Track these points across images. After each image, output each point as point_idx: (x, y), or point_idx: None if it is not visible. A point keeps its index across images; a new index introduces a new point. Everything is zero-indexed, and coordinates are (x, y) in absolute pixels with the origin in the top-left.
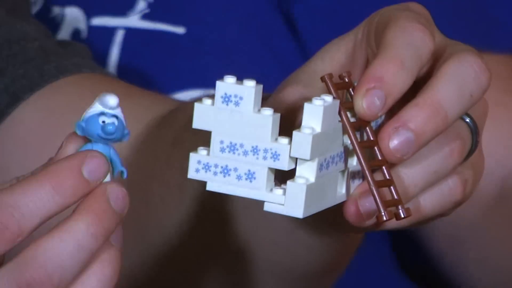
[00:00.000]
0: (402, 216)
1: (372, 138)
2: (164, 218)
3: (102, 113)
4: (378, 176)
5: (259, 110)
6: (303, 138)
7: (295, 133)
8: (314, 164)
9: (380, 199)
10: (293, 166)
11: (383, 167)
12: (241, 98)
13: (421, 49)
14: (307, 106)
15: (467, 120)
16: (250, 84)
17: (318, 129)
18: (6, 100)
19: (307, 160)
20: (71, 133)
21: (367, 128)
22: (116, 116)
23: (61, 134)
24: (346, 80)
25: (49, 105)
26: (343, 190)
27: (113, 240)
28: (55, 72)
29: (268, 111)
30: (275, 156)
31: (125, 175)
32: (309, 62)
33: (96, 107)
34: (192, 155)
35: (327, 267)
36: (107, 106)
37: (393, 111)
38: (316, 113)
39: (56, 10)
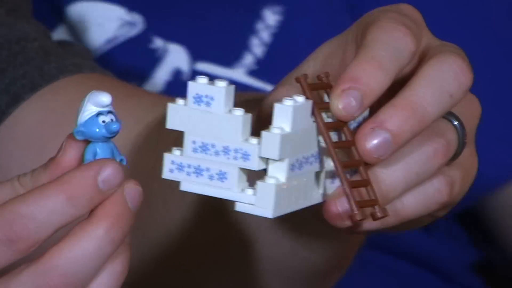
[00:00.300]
0: (379, 215)
1: (349, 139)
2: (166, 218)
3: (99, 113)
4: (358, 177)
5: (230, 111)
6: (271, 138)
7: (263, 133)
8: (285, 164)
9: (353, 199)
10: (263, 167)
11: (360, 168)
12: (212, 99)
13: (401, 50)
14: (277, 107)
15: (453, 120)
16: (221, 84)
17: (287, 129)
18: (6, 100)
19: (277, 160)
20: (70, 134)
21: (345, 128)
22: (111, 112)
23: (62, 134)
24: (324, 81)
25: (50, 105)
26: (322, 190)
27: None
28: (55, 72)
29: (238, 112)
30: (245, 156)
31: (124, 162)
32: (302, 64)
33: (91, 108)
34: (166, 155)
35: (329, 268)
36: (101, 105)
37: (374, 112)
38: (285, 113)
39: (158, 42)
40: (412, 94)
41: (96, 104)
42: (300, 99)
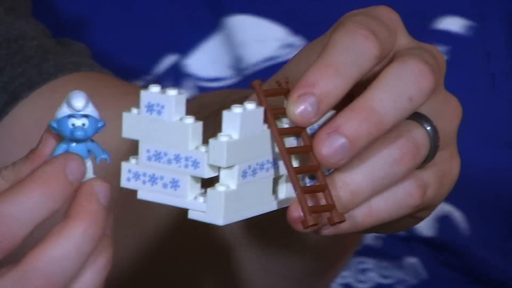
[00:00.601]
0: (335, 221)
1: (308, 144)
2: (163, 215)
3: (71, 116)
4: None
5: (181, 119)
6: (218, 146)
7: (210, 141)
8: (235, 171)
9: (306, 204)
10: (213, 174)
11: (317, 173)
12: (162, 107)
13: (362, 55)
14: (225, 114)
15: (424, 124)
16: (171, 93)
17: (236, 136)
18: (4, 99)
19: (227, 168)
20: (49, 127)
21: (303, 133)
22: (86, 115)
23: None
24: (284, 86)
25: (48, 104)
26: (284, 196)
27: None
28: (53, 71)
29: (189, 120)
30: (195, 164)
31: (108, 161)
32: (284, 67)
33: (65, 109)
34: (123, 164)
35: (325, 268)
36: (74, 109)
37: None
38: (233, 121)
39: None
40: (369, 98)
41: (69, 106)
42: (251, 106)
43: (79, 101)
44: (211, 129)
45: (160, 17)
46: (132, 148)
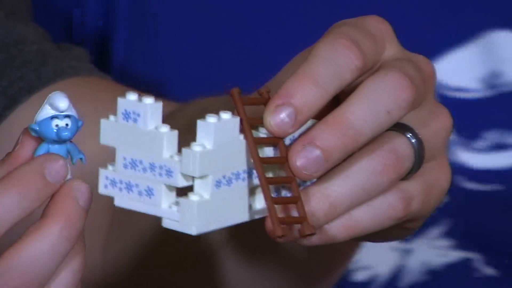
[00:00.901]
0: (306, 233)
1: (284, 155)
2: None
3: (54, 117)
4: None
5: (156, 127)
6: (190, 155)
7: (183, 150)
8: (208, 181)
9: (275, 215)
10: (186, 183)
11: (291, 184)
12: (138, 115)
13: (343, 66)
14: (199, 123)
15: (408, 135)
16: (147, 101)
17: (209, 146)
18: (3, 103)
19: (201, 177)
20: (26, 129)
21: (281, 144)
22: (68, 116)
23: None
24: (265, 95)
25: None
26: (261, 206)
27: None
28: (53, 75)
29: (164, 128)
30: (169, 173)
31: (84, 161)
32: (278, 74)
33: (47, 111)
34: (101, 171)
35: (323, 273)
36: (57, 110)
37: None
38: (207, 130)
39: None
40: (346, 110)
41: (53, 107)
42: (226, 115)
43: (62, 101)
44: None
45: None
46: None
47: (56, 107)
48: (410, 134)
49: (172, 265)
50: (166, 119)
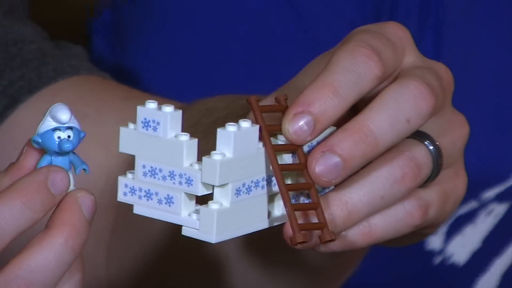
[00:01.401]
0: (326, 239)
1: (302, 162)
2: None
3: (56, 128)
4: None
5: (176, 135)
6: (211, 165)
7: (204, 159)
8: (228, 189)
9: (295, 221)
10: (206, 192)
11: (311, 190)
12: (158, 124)
13: (362, 75)
14: (219, 132)
15: (427, 144)
16: (167, 109)
17: (229, 154)
18: (4, 102)
19: (220, 186)
20: (29, 141)
21: (299, 151)
22: (71, 127)
23: None
24: (282, 103)
25: (48, 107)
26: (279, 213)
27: None
28: (53, 74)
29: (184, 137)
30: (189, 181)
31: (87, 171)
32: (293, 79)
33: (49, 123)
34: (120, 179)
35: (336, 277)
36: (59, 122)
37: None
38: (227, 139)
39: None
40: (365, 118)
41: (54, 120)
42: (246, 124)
43: (64, 113)
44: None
45: None
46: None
47: (58, 119)
48: (429, 142)
49: (179, 265)
50: None
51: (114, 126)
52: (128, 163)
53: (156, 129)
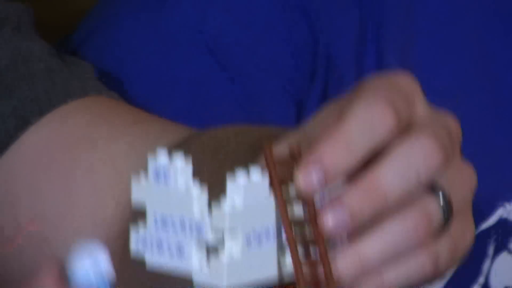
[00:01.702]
0: None
1: (313, 212)
2: None
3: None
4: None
5: (187, 187)
6: (220, 213)
7: (214, 209)
8: (238, 239)
9: (301, 277)
10: (217, 241)
11: (320, 244)
12: (169, 175)
13: (378, 130)
14: (229, 184)
15: (438, 195)
16: (178, 163)
17: (239, 205)
18: (14, 123)
19: (232, 235)
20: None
21: (309, 202)
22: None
23: (69, 158)
24: (296, 153)
25: (57, 129)
26: (291, 266)
27: None
28: (62, 96)
29: (194, 189)
30: (199, 230)
31: None
32: (307, 126)
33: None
34: (131, 227)
35: None
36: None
37: None
38: (237, 190)
39: None
40: (376, 174)
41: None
42: (256, 176)
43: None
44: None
45: None
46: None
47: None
48: (440, 193)
49: None
50: (179, 147)
51: (125, 152)
52: None
53: (167, 180)
